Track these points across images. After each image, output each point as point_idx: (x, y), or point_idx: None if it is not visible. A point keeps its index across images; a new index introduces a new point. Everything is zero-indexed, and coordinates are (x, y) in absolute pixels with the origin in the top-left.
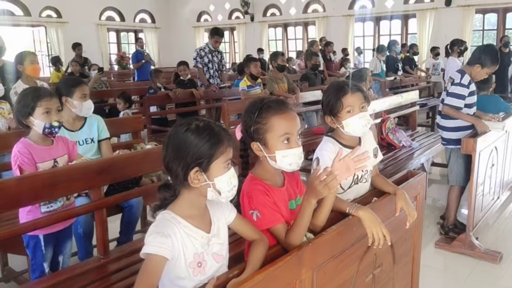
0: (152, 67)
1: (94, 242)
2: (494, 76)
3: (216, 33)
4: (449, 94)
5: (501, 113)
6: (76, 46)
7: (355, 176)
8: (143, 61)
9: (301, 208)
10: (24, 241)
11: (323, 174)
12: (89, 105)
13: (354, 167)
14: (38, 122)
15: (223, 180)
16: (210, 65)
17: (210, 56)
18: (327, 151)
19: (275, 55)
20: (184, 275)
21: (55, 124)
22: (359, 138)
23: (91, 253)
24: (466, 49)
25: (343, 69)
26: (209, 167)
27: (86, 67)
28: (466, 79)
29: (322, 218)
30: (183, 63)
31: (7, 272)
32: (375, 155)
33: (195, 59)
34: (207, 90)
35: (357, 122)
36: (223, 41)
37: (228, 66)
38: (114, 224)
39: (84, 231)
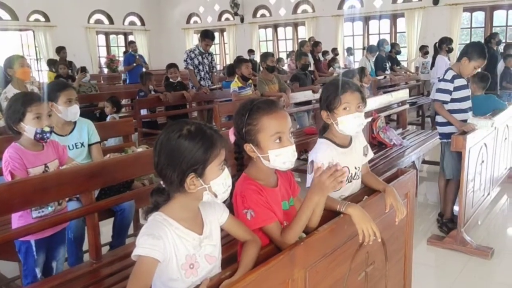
0: (144, 70)
1: (86, 247)
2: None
3: (206, 36)
4: (436, 90)
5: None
6: (61, 50)
7: (349, 175)
8: (134, 64)
9: (302, 206)
10: (16, 246)
11: (333, 168)
12: (75, 109)
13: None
14: (29, 127)
15: (219, 182)
16: (200, 67)
17: (200, 58)
18: (322, 153)
19: (264, 56)
20: (176, 276)
21: (46, 129)
22: (351, 136)
23: (81, 258)
24: (452, 49)
25: (331, 69)
26: (205, 171)
27: (70, 70)
28: (449, 75)
29: (315, 219)
30: (172, 66)
31: None
32: (365, 154)
33: (185, 61)
34: (198, 92)
35: (352, 121)
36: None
37: (219, 67)
38: (106, 228)
39: (75, 237)
